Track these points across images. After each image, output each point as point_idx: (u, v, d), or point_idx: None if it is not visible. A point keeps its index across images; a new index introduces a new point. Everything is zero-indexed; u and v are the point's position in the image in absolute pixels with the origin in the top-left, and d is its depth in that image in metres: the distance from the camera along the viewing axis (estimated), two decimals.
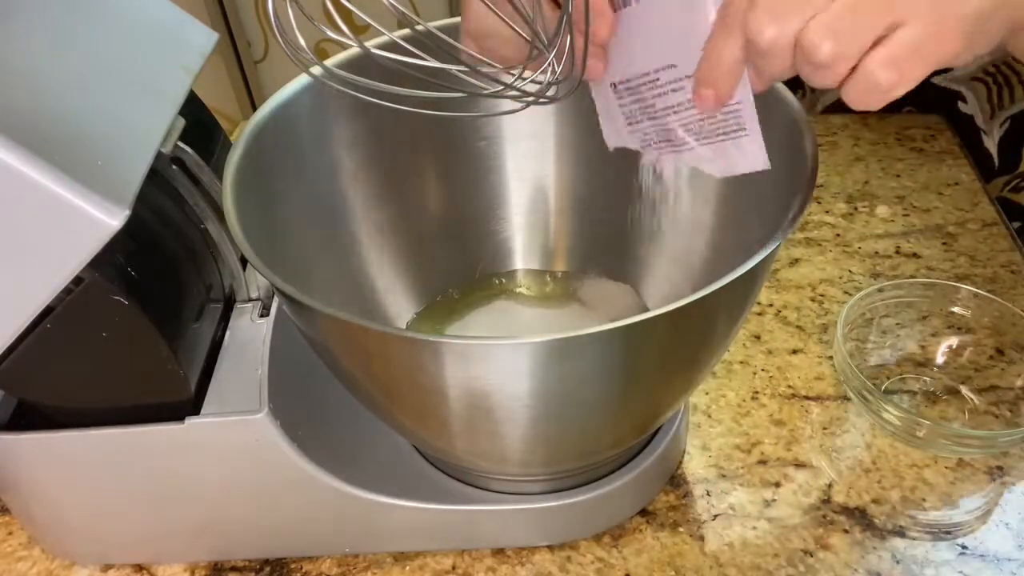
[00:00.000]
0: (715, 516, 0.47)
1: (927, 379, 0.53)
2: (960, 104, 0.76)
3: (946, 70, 0.74)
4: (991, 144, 0.75)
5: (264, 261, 0.34)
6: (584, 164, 0.51)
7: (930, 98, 0.76)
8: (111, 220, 0.31)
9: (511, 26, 0.35)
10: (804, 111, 0.39)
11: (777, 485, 0.48)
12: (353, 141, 0.47)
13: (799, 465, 0.49)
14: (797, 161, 0.37)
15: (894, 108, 0.77)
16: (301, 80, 0.43)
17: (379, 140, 0.48)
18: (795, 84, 0.83)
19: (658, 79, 0.36)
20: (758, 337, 0.57)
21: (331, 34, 0.32)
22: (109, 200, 0.31)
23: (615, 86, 0.38)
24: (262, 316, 0.44)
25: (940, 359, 0.54)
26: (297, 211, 0.45)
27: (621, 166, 0.50)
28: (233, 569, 0.46)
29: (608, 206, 0.52)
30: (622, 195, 0.51)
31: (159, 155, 0.37)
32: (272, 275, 0.33)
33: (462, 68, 0.34)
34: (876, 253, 0.63)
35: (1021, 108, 0.72)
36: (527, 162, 0.51)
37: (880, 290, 0.55)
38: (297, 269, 0.43)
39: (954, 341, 0.55)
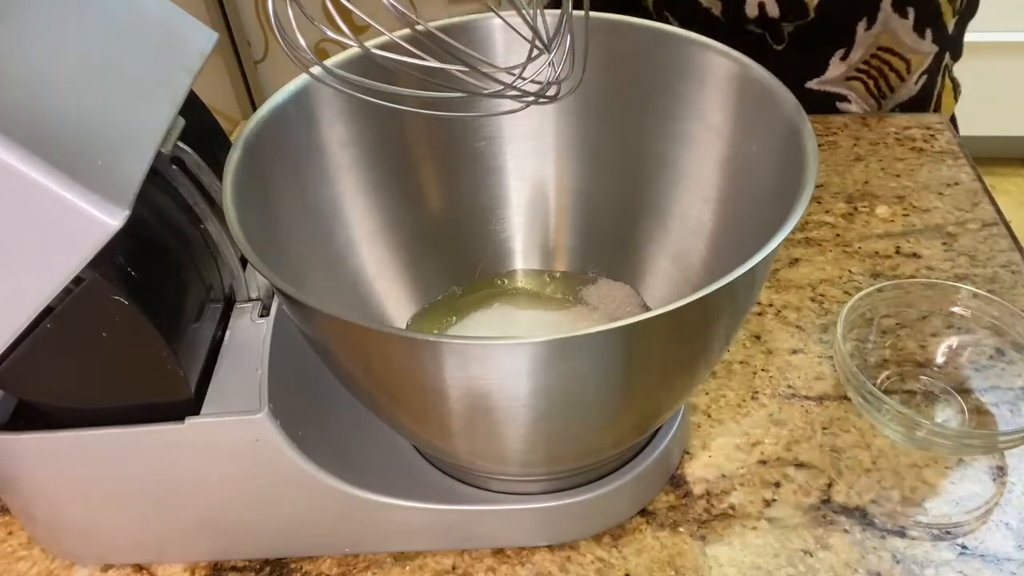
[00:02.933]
0: (715, 516, 0.47)
1: (927, 379, 0.53)
2: (840, 103, 0.79)
3: (818, 73, 0.77)
4: None
5: (264, 261, 0.34)
6: (584, 164, 0.51)
7: None
8: (111, 220, 0.31)
9: (511, 27, 0.35)
10: (803, 110, 0.39)
11: (777, 485, 0.48)
12: (353, 141, 0.47)
13: (799, 465, 0.49)
14: (797, 161, 0.37)
15: None
16: (301, 80, 0.43)
17: (379, 140, 0.48)
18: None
19: None
20: (758, 337, 0.57)
21: (331, 34, 0.32)
22: (109, 200, 0.31)
23: None
24: (262, 316, 0.44)
25: (940, 359, 0.54)
26: (297, 211, 0.45)
27: (621, 166, 0.50)
28: (233, 569, 0.46)
29: (608, 206, 0.52)
30: (622, 195, 0.51)
31: (159, 155, 0.37)
32: (272, 275, 0.33)
33: (462, 68, 0.34)
34: (876, 253, 0.63)
35: (912, 94, 0.77)
36: (527, 162, 0.51)
37: (880, 290, 0.55)
38: (297, 269, 0.43)
39: (954, 341, 0.55)
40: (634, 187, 0.50)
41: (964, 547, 0.45)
